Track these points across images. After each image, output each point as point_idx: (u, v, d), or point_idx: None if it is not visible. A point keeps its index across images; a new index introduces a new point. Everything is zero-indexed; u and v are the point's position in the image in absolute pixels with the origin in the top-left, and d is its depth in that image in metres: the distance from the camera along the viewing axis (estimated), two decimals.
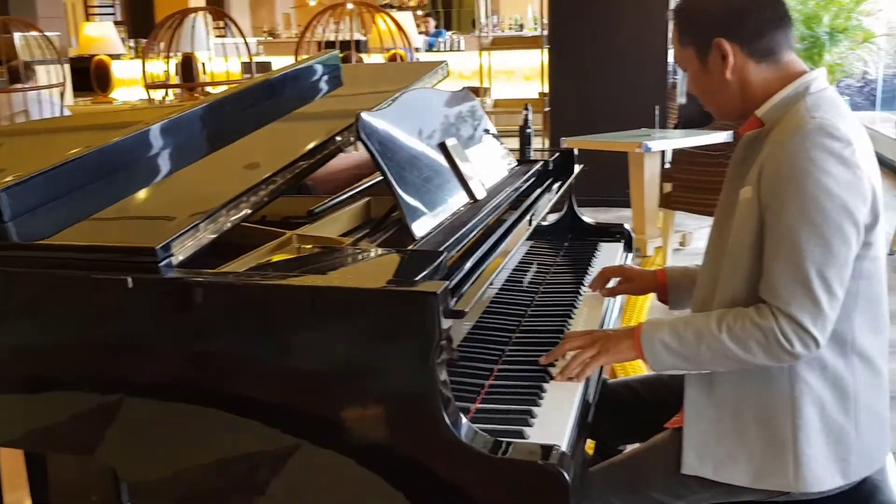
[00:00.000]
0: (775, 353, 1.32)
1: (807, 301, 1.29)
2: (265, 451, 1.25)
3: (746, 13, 1.41)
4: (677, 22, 1.49)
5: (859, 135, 1.36)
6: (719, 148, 4.58)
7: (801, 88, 1.41)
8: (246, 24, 15.75)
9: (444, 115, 1.91)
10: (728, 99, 1.46)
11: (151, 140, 1.67)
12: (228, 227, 1.36)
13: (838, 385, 1.39)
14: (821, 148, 1.29)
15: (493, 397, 1.42)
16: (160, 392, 1.29)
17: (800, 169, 1.30)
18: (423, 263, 1.27)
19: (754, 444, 1.39)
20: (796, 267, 1.30)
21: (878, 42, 8.77)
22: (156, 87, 6.06)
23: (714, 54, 1.43)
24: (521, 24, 14.35)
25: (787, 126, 1.36)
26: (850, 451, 1.40)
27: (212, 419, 1.25)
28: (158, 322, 1.25)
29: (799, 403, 1.37)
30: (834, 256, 1.29)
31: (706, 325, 1.37)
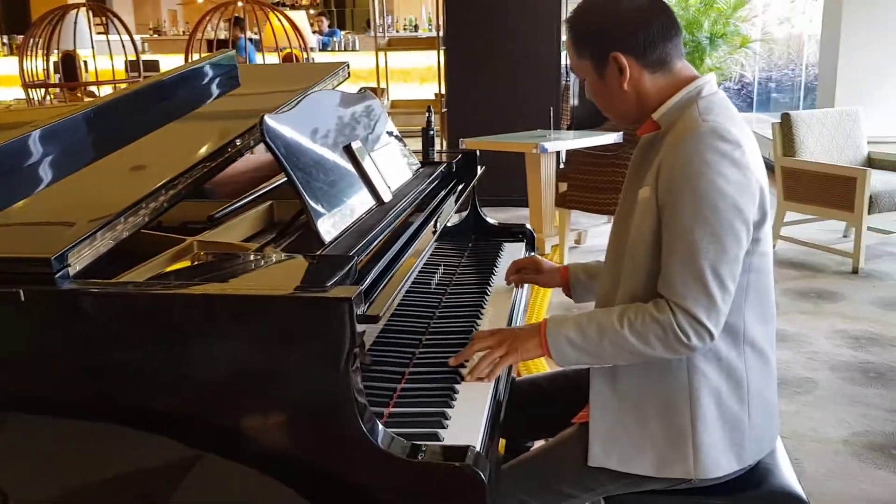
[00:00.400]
0: (673, 346, 1.37)
1: (701, 296, 1.35)
2: (170, 466, 1.21)
3: (640, 27, 1.45)
4: (573, 35, 1.52)
5: (747, 137, 1.43)
6: (611, 148, 4.73)
7: (693, 92, 1.47)
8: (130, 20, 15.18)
9: (348, 117, 1.90)
10: (625, 107, 1.52)
11: (40, 144, 1.59)
12: (127, 234, 1.31)
13: (732, 375, 1.46)
14: (713, 150, 1.35)
15: (405, 401, 1.42)
16: (56, 409, 1.23)
17: (694, 170, 1.35)
18: (334, 269, 1.25)
19: (656, 435, 1.45)
20: (691, 263, 1.36)
21: (753, 47, 9.25)
22: (35, 87, 5.75)
23: (611, 67, 1.47)
24: (416, 25, 14.41)
25: (681, 129, 1.42)
26: (745, 438, 1.47)
27: (117, 436, 1.20)
28: (55, 336, 1.19)
29: (697, 394, 1.44)
30: (726, 253, 1.35)
31: (608, 321, 1.41)
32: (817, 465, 2.56)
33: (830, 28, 6.93)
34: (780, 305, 4.03)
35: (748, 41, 9.08)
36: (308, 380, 1.15)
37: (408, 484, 1.15)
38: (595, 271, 1.84)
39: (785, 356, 3.38)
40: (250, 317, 1.16)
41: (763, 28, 10.07)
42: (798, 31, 10.08)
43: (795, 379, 3.21)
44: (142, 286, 1.22)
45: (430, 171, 2.18)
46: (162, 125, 1.88)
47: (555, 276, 1.90)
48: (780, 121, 4.98)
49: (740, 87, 9.96)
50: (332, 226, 1.50)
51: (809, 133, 4.93)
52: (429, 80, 9.96)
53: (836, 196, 4.60)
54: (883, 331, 3.71)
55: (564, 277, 1.87)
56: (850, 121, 5.09)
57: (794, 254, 4.95)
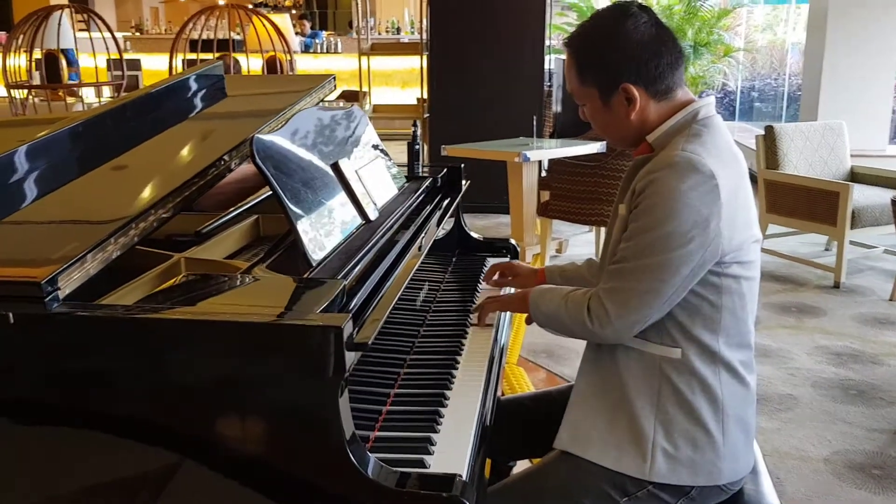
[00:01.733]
0: (582, 324, 1.49)
1: (616, 292, 1.45)
2: (154, 488, 1.21)
3: (652, 58, 1.47)
4: (578, 62, 1.52)
5: (728, 166, 1.45)
6: (594, 158, 4.76)
7: (689, 116, 1.50)
8: (111, 17, 15.06)
9: (336, 134, 1.89)
10: (626, 133, 1.55)
11: (28, 159, 1.57)
12: (116, 255, 1.30)
13: (707, 393, 1.49)
14: (682, 179, 1.39)
15: (391, 424, 1.42)
16: (44, 426, 1.22)
17: (661, 194, 1.40)
18: (323, 293, 1.25)
19: (622, 433, 1.50)
20: (623, 263, 1.44)
21: (736, 56, 9.33)
22: (19, 87, 5.70)
23: (618, 97, 1.49)
24: (399, 28, 14.41)
25: (663, 155, 1.45)
26: (718, 457, 1.50)
27: (103, 453, 1.20)
28: (43, 356, 1.18)
29: (664, 402, 1.49)
30: (657, 270, 1.41)
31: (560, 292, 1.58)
32: (798, 485, 2.59)
33: (815, 38, 6.99)
34: (762, 319, 4.07)
35: (731, 50, 9.18)
36: (295, 407, 1.15)
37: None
38: (570, 273, 1.92)
39: (766, 372, 3.41)
40: (238, 343, 1.16)
41: (746, 37, 10.16)
42: (780, 38, 10.18)
43: (777, 395, 3.24)
44: (130, 310, 1.21)
45: (416, 186, 2.18)
46: (150, 139, 1.87)
47: (531, 278, 1.98)
48: (764, 133, 5.03)
49: (723, 97, 10.05)
50: (319, 246, 1.50)
51: (793, 146, 4.98)
52: (411, 83, 9.96)
53: (819, 210, 4.64)
54: (864, 347, 3.75)
55: (541, 279, 1.94)
56: (833, 134, 5.15)
57: (775, 266, 5.00)
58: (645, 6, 1.54)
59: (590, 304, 1.49)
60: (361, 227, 1.70)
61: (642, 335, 1.49)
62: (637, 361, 1.50)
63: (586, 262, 1.92)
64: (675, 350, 1.48)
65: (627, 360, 1.51)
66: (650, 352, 1.49)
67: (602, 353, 1.55)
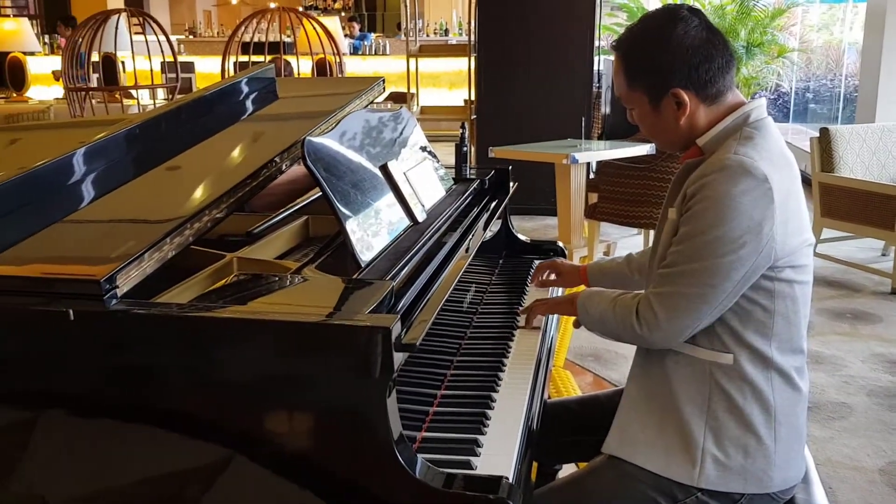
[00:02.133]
0: (630, 326, 1.48)
1: (665, 296, 1.43)
2: (212, 483, 1.23)
3: (703, 62, 1.46)
4: (627, 66, 1.52)
5: (782, 169, 1.43)
6: (645, 160, 4.71)
7: (740, 119, 1.48)
8: (165, 20, 15.38)
9: (386, 136, 1.91)
10: (675, 137, 1.54)
11: (84, 162, 1.62)
12: (172, 255, 1.34)
13: (759, 399, 1.47)
14: (735, 183, 1.38)
15: (438, 425, 1.43)
16: (98, 419, 1.25)
17: (713, 199, 1.39)
18: (372, 294, 1.27)
19: (671, 439, 1.48)
20: (673, 267, 1.43)
21: (791, 56, 9.15)
22: (77, 90, 5.85)
23: (668, 101, 1.48)
24: (447, 29, 14.44)
25: (714, 159, 1.44)
26: (770, 464, 1.47)
27: (153, 446, 1.23)
28: (101, 352, 1.22)
29: (714, 408, 1.47)
30: (708, 276, 1.40)
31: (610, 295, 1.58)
32: (851, 495, 2.53)
33: (873, 38, 6.82)
34: (815, 326, 3.98)
35: (786, 50, 9.00)
36: (344, 406, 1.16)
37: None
38: (611, 270, 1.93)
39: (819, 379, 3.34)
40: (288, 342, 1.18)
41: (801, 37, 9.96)
42: (837, 38, 9.95)
43: (830, 403, 3.17)
44: (185, 308, 1.24)
45: (464, 188, 2.19)
46: (204, 140, 1.91)
47: (575, 276, 2.01)
48: (819, 135, 4.92)
49: (777, 98, 9.86)
50: (368, 248, 1.51)
51: (849, 148, 4.87)
52: (458, 85, 9.97)
53: (876, 214, 4.54)
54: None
55: (583, 277, 1.97)
56: (891, 137, 5.02)
57: (830, 272, 4.89)
58: (695, 9, 1.52)
59: (638, 307, 1.48)
60: (409, 228, 1.71)
61: (692, 340, 1.47)
62: (687, 367, 1.49)
63: (625, 258, 1.92)
64: (727, 355, 1.46)
65: (677, 365, 1.49)
66: (700, 357, 1.48)
67: (652, 358, 1.53)
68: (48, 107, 6.87)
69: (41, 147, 2.10)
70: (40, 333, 1.22)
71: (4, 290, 1.24)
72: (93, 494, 1.29)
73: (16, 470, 1.30)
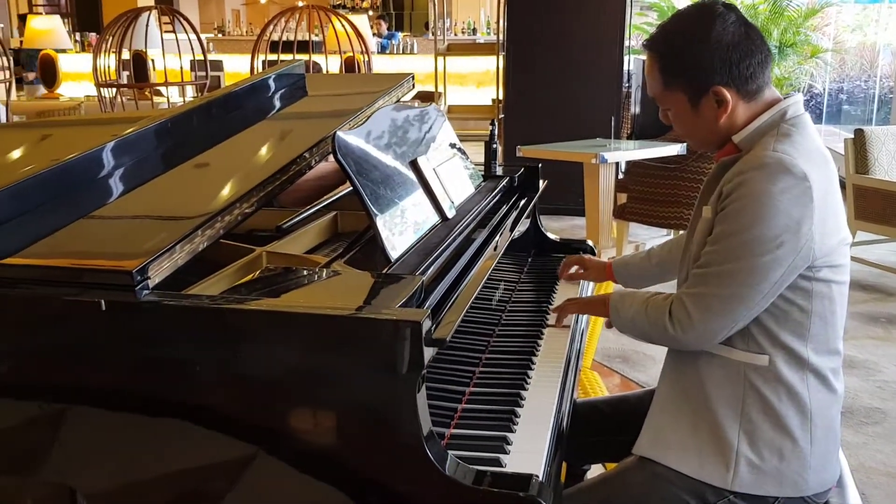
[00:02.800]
0: (664, 329, 1.46)
1: (700, 296, 1.41)
2: (228, 471, 1.23)
3: (742, 57, 1.43)
4: (664, 65, 1.48)
5: (820, 167, 1.40)
6: (675, 160, 4.67)
7: (777, 116, 1.45)
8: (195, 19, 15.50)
9: (415, 131, 1.90)
10: (712, 136, 1.51)
11: (116, 155, 1.62)
12: (203, 247, 1.34)
13: (795, 400, 1.44)
14: (774, 182, 1.35)
15: (466, 422, 1.42)
16: (127, 410, 1.26)
17: (751, 196, 1.36)
18: (402, 289, 1.26)
19: (704, 440, 1.46)
20: (708, 267, 1.40)
21: (824, 57, 9.02)
22: (107, 86, 5.91)
23: (708, 99, 1.45)
24: (475, 28, 14.41)
25: (752, 156, 1.41)
26: (805, 466, 1.45)
27: (181, 436, 1.23)
28: (132, 343, 1.22)
29: (748, 410, 1.44)
30: (745, 276, 1.37)
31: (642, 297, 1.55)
32: (885, 501, 2.48)
33: None
34: (849, 330, 3.92)
35: (819, 51, 8.87)
36: (373, 400, 1.16)
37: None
38: (632, 262, 1.95)
39: (853, 384, 3.28)
40: (319, 335, 1.17)
41: (835, 37, 9.81)
42: (871, 39, 9.80)
43: (863, 408, 3.11)
44: (216, 300, 1.24)
45: (493, 185, 2.18)
46: (233, 136, 1.91)
47: (601, 271, 2.02)
48: (853, 136, 4.85)
49: (809, 98, 9.73)
50: (398, 243, 1.50)
51: (884, 150, 4.79)
52: (486, 84, 9.94)
53: None
54: None
55: (609, 272, 2.00)
56: None
57: (864, 275, 4.81)
58: (730, 4, 1.49)
59: (672, 308, 1.45)
60: (439, 224, 1.70)
61: (727, 342, 1.44)
62: (721, 368, 1.46)
63: (647, 252, 1.92)
64: (762, 357, 1.43)
65: (710, 366, 1.47)
66: (735, 359, 1.45)
67: (684, 359, 1.51)
68: (79, 103, 6.96)
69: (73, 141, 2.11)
70: (72, 323, 1.23)
71: (37, 280, 1.25)
72: (121, 485, 1.29)
73: (45, 459, 1.30)
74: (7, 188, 1.37)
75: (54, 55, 8.04)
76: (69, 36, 9.69)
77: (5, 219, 1.35)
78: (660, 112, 1.56)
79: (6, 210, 1.36)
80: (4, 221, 1.35)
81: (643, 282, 1.94)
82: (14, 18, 13.21)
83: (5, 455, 1.34)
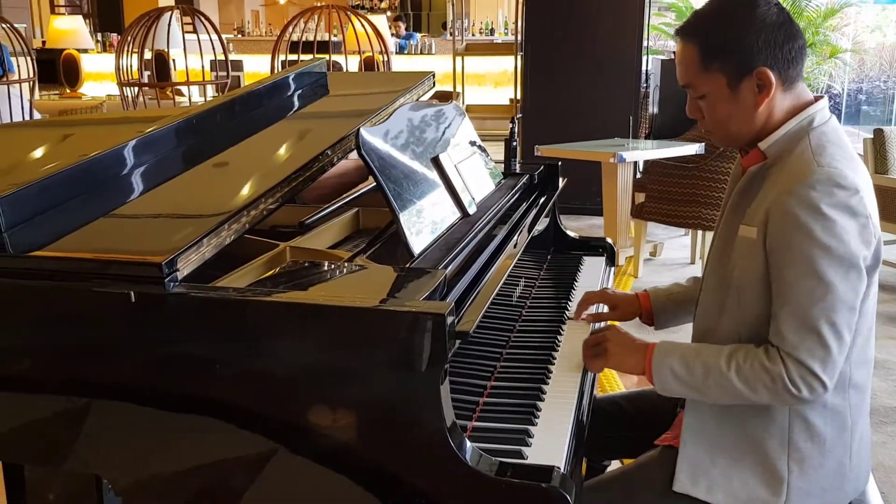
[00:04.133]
0: (782, 397, 1.34)
1: (816, 347, 1.31)
2: (251, 462, 1.25)
3: (786, 39, 1.39)
4: (704, 47, 1.42)
5: (863, 174, 1.37)
6: (693, 160, 4.66)
7: (804, 122, 1.41)
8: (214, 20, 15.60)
9: (436, 128, 1.92)
10: (747, 127, 1.44)
11: (142, 151, 1.65)
12: (230, 241, 1.36)
13: (837, 420, 1.42)
14: (828, 199, 1.30)
15: (488, 415, 1.43)
16: (154, 401, 1.28)
17: (809, 219, 1.30)
18: (425, 282, 1.27)
19: (749, 472, 1.42)
20: (804, 314, 1.31)
21: (843, 57, 8.96)
22: (129, 86, 5.97)
23: (749, 82, 1.40)
24: (492, 28, 14.42)
25: (794, 170, 1.35)
26: (845, 480, 1.44)
27: (206, 427, 1.25)
28: (160, 334, 1.24)
29: (795, 439, 1.40)
30: (842, 303, 1.30)
31: (716, 361, 1.38)
32: None
33: None
34: None
35: (838, 51, 8.82)
36: (397, 393, 1.17)
37: (491, 502, 1.16)
38: (680, 297, 1.77)
39: (872, 383, 3.26)
40: (344, 327, 1.19)
41: (854, 37, 9.74)
42: (891, 40, 9.72)
43: (883, 408, 3.10)
44: (243, 292, 1.26)
45: (513, 182, 2.19)
46: (256, 133, 1.94)
47: (632, 306, 1.82)
48: (873, 136, 4.82)
49: (829, 99, 9.67)
50: (420, 238, 1.52)
51: None
52: (503, 84, 9.95)
53: None
54: None
55: (645, 305, 1.80)
56: None
57: (884, 276, 4.78)
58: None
59: (787, 371, 1.32)
60: (460, 220, 1.72)
61: None
62: None
63: (692, 281, 1.79)
64: None
65: None
66: None
67: None
68: (101, 102, 7.03)
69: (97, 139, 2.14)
70: (101, 315, 1.26)
71: (68, 272, 1.27)
72: (145, 475, 1.32)
73: (73, 449, 1.33)
74: (35, 183, 1.40)
75: (77, 55, 8.12)
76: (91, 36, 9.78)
77: (34, 213, 1.37)
78: (688, 103, 1.49)
79: (35, 205, 1.38)
80: (33, 216, 1.37)
81: (687, 319, 1.74)
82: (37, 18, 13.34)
83: (35, 444, 1.37)
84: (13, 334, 1.31)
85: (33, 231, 1.34)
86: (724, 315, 1.45)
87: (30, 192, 1.39)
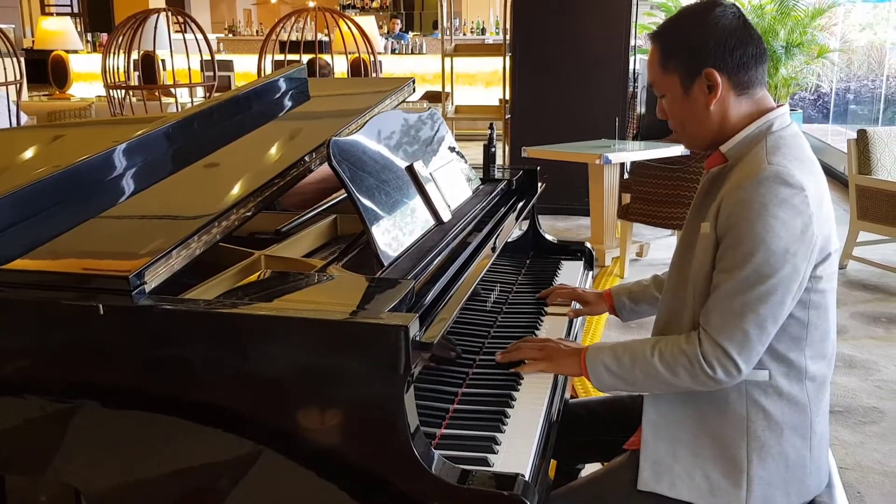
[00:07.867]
0: (700, 379, 1.40)
1: (736, 332, 1.37)
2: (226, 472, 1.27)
3: (737, 45, 1.44)
4: (663, 47, 1.50)
5: (814, 177, 1.41)
6: (678, 161, 4.68)
7: (763, 127, 1.46)
8: (206, 19, 15.59)
9: (412, 137, 1.93)
10: (703, 129, 1.50)
11: (119, 159, 1.67)
12: (199, 252, 1.37)
13: (796, 411, 1.45)
14: (773, 194, 1.35)
15: (457, 422, 1.45)
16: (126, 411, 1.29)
17: (753, 212, 1.35)
18: (392, 293, 1.29)
19: (710, 465, 1.45)
20: (731, 300, 1.37)
21: (831, 56, 9.00)
22: (117, 88, 5.97)
23: (700, 83, 1.46)
24: (483, 28, 14.43)
25: (746, 168, 1.41)
26: (806, 473, 1.46)
27: (180, 435, 1.26)
28: (129, 346, 1.26)
29: (754, 427, 1.44)
30: (770, 295, 1.36)
31: (642, 350, 1.46)
32: (880, 501, 2.50)
33: None
34: (849, 329, 3.93)
35: (826, 51, 8.86)
36: (362, 403, 1.19)
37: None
38: (638, 294, 1.89)
39: (851, 384, 3.30)
40: (309, 339, 1.21)
41: (843, 36, 9.78)
42: (881, 38, 9.76)
43: (861, 408, 3.13)
44: (211, 305, 1.27)
45: (491, 188, 2.21)
46: (235, 140, 1.95)
47: (601, 302, 1.96)
48: (857, 137, 4.85)
49: (816, 98, 9.71)
50: (392, 247, 1.53)
51: (887, 150, 4.79)
52: (494, 84, 9.97)
53: None
54: None
55: (609, 303, 1.93)
56: None
57: (865, 275, 4.82)
58: (733, 3, 1.52)
59: (703, 351, 1.39)
60: (434, 228, 1.73)
61: None
62: (721, 389, 1.44)
63: (652, 279, 1.88)
64: (762, 372, 1.43)
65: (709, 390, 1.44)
66: None
67: None
68: (89, 104, 7.02)
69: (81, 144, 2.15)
70: (72, 327, 1.27)
71: (39, 284, 1.29)
72: (121, 486, 1.33)
73: (48, 461, 1.34)
74: (7, 195, 1.41)
75: (65, 56, 8.11)
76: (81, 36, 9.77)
77: (7, 225, 1.39)
78: (657, 105, 1.55)
79: (9, 216, 1.40)
80: (7, 227, 1.39)
81: (649, 312, 1.86)
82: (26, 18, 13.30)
83: (10, 455, 1.39)
84: None
85: (7, 242, 1.36)
86: (684, 309, 1.50)
87: (2, 204, 1.40)
